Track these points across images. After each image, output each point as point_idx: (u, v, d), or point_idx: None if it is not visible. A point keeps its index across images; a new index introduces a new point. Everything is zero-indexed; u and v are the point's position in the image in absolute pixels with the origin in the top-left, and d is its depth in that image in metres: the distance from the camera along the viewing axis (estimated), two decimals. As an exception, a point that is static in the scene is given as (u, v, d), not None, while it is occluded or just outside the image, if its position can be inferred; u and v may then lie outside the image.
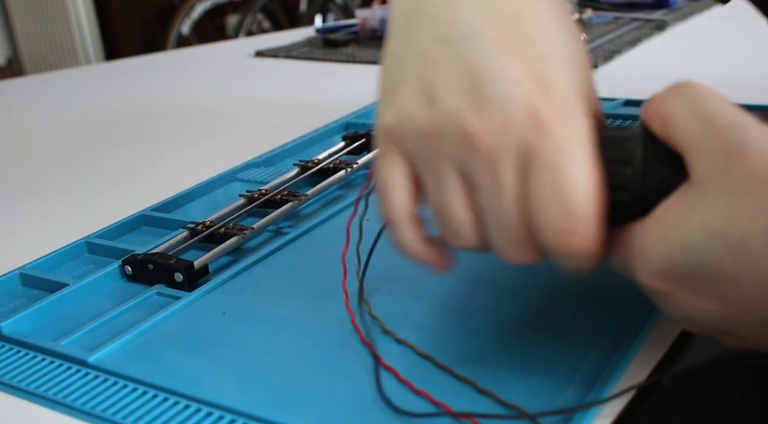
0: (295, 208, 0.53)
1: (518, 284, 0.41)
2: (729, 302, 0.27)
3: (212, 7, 3.00)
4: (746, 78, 0.79)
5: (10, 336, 0.40)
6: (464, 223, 0.32)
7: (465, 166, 0.30)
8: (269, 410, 0.32)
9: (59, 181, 0.67)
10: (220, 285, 0.44)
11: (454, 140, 0.30)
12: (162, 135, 0.79)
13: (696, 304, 0.28)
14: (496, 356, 0.35)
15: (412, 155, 0.32)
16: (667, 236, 0.28)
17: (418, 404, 0.32)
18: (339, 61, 1.05)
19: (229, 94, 0.94)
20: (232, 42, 1.35)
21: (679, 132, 0.28)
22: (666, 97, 0.29)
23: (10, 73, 2.94)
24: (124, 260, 0.46)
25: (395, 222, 0.33)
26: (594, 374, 0.33)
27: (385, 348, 0.36)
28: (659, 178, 0.29)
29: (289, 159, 0.64)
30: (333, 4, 3.26)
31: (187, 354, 0.37)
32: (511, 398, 0.31)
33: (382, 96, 0.33)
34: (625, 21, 1.16)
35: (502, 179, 0.29)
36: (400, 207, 0.33)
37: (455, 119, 0.30)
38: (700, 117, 0.28)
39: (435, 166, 0.31)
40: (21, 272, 0.47)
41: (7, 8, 2.96)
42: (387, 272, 0.42)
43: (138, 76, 1.09)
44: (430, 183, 0.32)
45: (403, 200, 0.33)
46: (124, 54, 2.87)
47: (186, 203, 0.57)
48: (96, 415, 0.34)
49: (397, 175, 0.33)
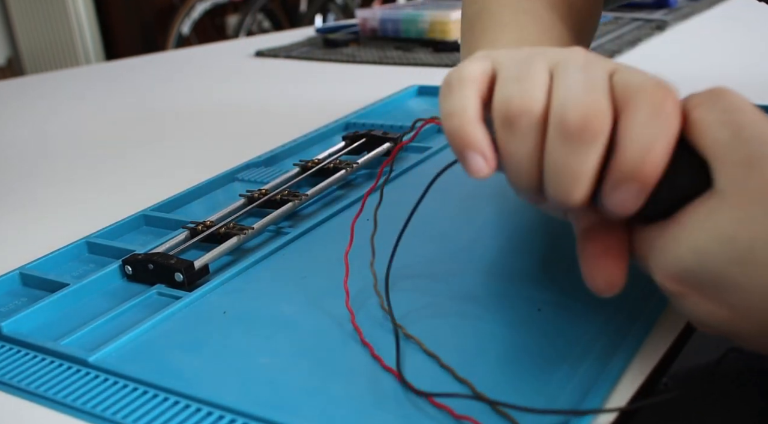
0: (295, 208, 0.53)
1: (520, 284, 0.41)
2: (735, 309, 0.28)
3: (212, 7, 3.00)
4: (746, 78, 0.79)
5: (10, 336, 0.40)
6: (540, 80, 0.30)
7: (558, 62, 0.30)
8: (269, 410, 0.32)
9: (59, 182, 0.67)
10: (220, 285, 0.44)
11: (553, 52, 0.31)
12: (162, 135, 0.79)
13: (706, 308, 0.28)
14: (496, 356, 0.35)
15: (500, 62, 0.31)
16: (682, 239, 0.28)
17: (419, 404, 0.32)
18: (339, 61, 1.05)
19: (229, 94, 0.94)
20: (232, 42, 1.35)
21: (707, 140, 0.28)
22: (699, 102, 0.29)
23: (10, 73, 2.94)
24: (125, 259, 0.46)
25: (461, 81, 0.31)
26: (594, 375, 0.33)
27: (387, 348, 0.36)
28: (685, 183, 0.29)
29: (289, 159, 0.64)
30: (333, 4, 3.26)
31: (187, 354, 0.37)
32: (510, 400, 0.31)
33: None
34: (625, 21, 1.16)
35: (594, 70, 0.29)
36: (473, 72, 0.31)
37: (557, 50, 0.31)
38: (729, 127, 0.28)
39: (524, 58, 0.31)
40: (21, 271, 0.47)
41: (7, 8, 2.96)
42: (394, 269, 0.42)
43: (138, 76, 1.09)
44: (509, 74, 0.31)
45: (478, 71, 0.31)
46: (124, 54, 2.87)
47: (186, 203, 0.57)
48: (96, 415, 0.34)
49: (478, 70, 0.31)
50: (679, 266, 0.28)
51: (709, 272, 0.27)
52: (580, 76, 0.29)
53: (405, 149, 0.64)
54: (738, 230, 0.27)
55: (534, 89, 0.30)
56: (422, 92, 0.83)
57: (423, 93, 0.82)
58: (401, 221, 0.38)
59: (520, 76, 0.30)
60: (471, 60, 0.32)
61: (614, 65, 0.30)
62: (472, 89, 0.31)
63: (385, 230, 0.40)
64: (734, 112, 0.28)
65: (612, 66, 0.30)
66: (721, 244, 0.27)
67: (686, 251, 0.28)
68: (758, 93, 0.64)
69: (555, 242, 0.45)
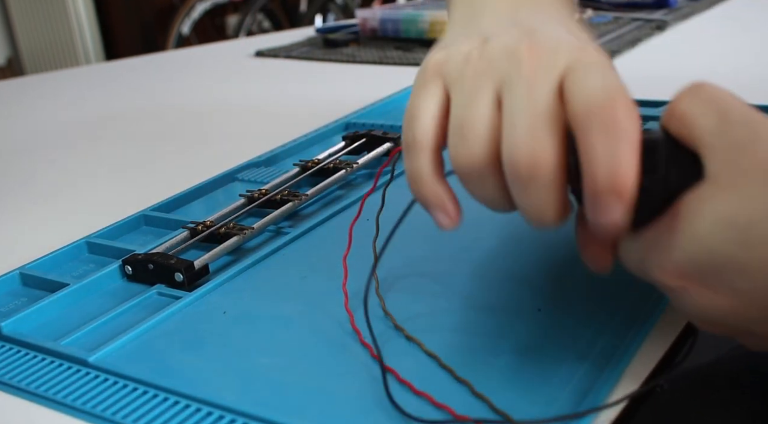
0: (295, 208, 0.53)
1: (519, 284, 0.41)
2: (739, 296, 0.27)
3: (212, 7, 3.00)
4: (746, 78, 0.79)
5: (10, 336, 0.40)
6: (480, 136, 0.31)
7: (503, 83, 0.31)
8: (269, 410, 0.32)
9: (59, 181, 0.67)
10: (220, 285, 0.44)
11: (501, 58, 0.31)
12: (162, 135, 0.79)
13: (709, 300, 0.28)
14: (495, 356, 0.35)
15: (451, 82, 0.33)
16: (681, 230, 0.28)
17: (419, 404, 0.32)
18: (339, 61, 1.05)
19: (229, 94, 0.94)
20: (232, 42, 1.35)
21: (694, 130, 0.29)
22: (681, 97, 0.30)
23: (10, 73, 2.94)
24: (125, 259, 0.46)
25: (415, 144, 0.33)
26: (594, 375, 0.33)
27: (386, 348, 0.36)
28: (679, 180, 0.29)
29: (289, 159, 0.64)
30: (333, 4, 3.26)
31: (188, 354, 0.38)
32: (510, 400, 0.31)
33: (434, 49, 0.35)
34: (625, 21, 1.16)
35: (540, 88, 0.30)
36: (425, 129, 0.33)
37: (507, 45, 0.32)
38: (714, 114, 0.28)
39: (471, 84, 0.32)
40: (21, 271, 0.47)
41: (7, 8, 2.96)
42: (394, 270, 0.42)
43: (138, 76, 1.09)
44: (460, 99, 0.32)
45: (430, 124, 0.33)
46: (124, 54, 2.87)
47: (186, 203, 0.57)
48: (96, 415, 0.34)
49: (431, 101, 0.33)
50: (682, 258, 0.28)
51: (712, 258, 0.27)
52: (525, 105, 0.30)
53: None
54: (736, 212, 0.27)
55: (476, 139, 0.31)
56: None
57: (423, 93, 0.82)
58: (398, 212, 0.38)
59: (464, 121, 0.31)
60: (423, 92, 0.33)
61: (564, 66, 0.30)
62: (426, 153, 0.33)
63: (385, 232, 0.40)
64: (717, 101, 0.29)
65: (561, 69, 0.30)
66: (722, 227, 0.27)
67: (687, 242, 0.28)
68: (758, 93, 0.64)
69: (555, 242, 0.45)
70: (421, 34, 1.10)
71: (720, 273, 0.27)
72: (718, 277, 0.28)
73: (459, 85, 0.32)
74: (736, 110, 0.28)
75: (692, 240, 0.28)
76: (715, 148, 0.28)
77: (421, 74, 0.34)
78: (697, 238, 0.28)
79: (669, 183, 0.29)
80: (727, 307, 0.28)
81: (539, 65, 0.30)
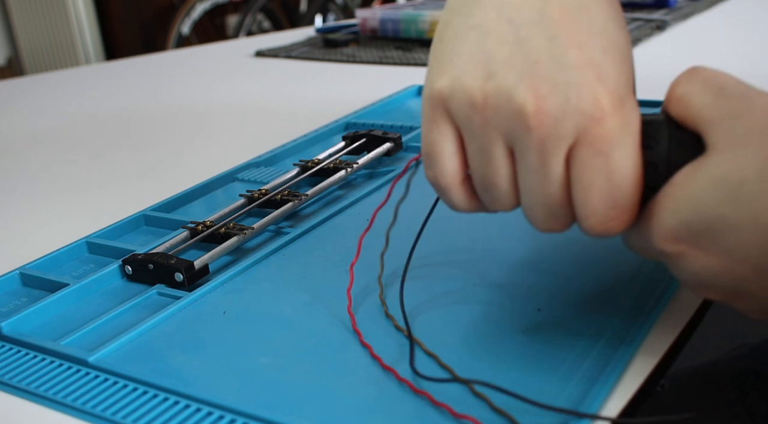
0: (295, 209, 0.53)
1: (519, 284, 0.41)
2: (732, 254, 0.28)
3: (212, 7, 3.00)
4: (747, 78, 0.79)
5: (10, 336, 0.40)
6: (504, 193, 0.33)
7: (513, 140, 0.31)
8: (269, 410, 0.32)
9: (59, 181, 0.67)
10: (220, 285, 0.44)
11: (506, 115, 0.31)
12: (162, 135, 0.79)
13: (704, 262, 0.29)
14: (495, 356, 0.35)
15: (460, 123, 0.33)
16: (676, 194, 0.29)
17: (419, 404, 0.32)
18: (339, 61, 1.05)
19: (229, 94, 0.94)
20: (232, 42, 1.35)
21: (693, 108, 0.30)
22: (679, 80, 0.31)
23: (10, 73, 2.94)
24: (125, 259, 0.46)
25: (447, 187, 0.34)
26: (594, 375, 0.33)
27: (387, 348, 0.36)
28: (682, 158, 0.30)
29: (289, 159, 0.65)
30: (333, 4, 3.26)
31: (187, 354, 0.37)
32: (510, 400, 0.31)
33: (435, 63, 0.34)
34: (625, 21, 1.16)
35: (551, 160, 0.30)
36: (451, 172, 0.34)
37: (511, 95, 0.31)
38: (711, 90, 0.29)
39: (482, 137, 0.32)
40: (21, 271, 0.47)
41: (7, 8, 2.96)
42: (395, 269, 0.42)
43: (138, 76, 1.09)
44: (475, 152, 0.33)
45: (454, 165, 0.34)
46: (124, 54, 2.87)
47: (186, 203, 0.57)
48: (96, 415, 0.34)
49: (446, 141, 0.33)
50: (676, 220, 0.29)
51: (704, 218, 0.28)
52: (537, 187, 0.31)
53: (406, 149, 0.64)
54: (728, 171, 0.28)
55: (503, 196, 0.33)
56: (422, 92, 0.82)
57: (423, 93, 0.82)
58: (404, 227, 0.38)
59: (487, 179, 0.33)
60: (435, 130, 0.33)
61: (573, 138, 0.30)
62: (456, 189, 0.34)
63: (380, 231, 0.40)
64: (713, 79, 0.30)
65: (570, 141, 0.30)
66: (714, 187, 0.28)
67: (682, 203, 0.29)
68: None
69: (554, 242, 0.45)
70: (421, 34, 1.10)
71: (712, 232, 0.28)
72: (711, 236, 0.28)
73: (470, 133, 0.32)
74: (732, 86, 0.29)
75: (685, 202, 0.29)
76: (713, 121, 0.29)
77: (428, 105, 0.33)
78: (691, 199, 0.28)
79: (671, 163, 0.30)
80: (720, 267, 0.29)
81: (548, 137, 0.30)
